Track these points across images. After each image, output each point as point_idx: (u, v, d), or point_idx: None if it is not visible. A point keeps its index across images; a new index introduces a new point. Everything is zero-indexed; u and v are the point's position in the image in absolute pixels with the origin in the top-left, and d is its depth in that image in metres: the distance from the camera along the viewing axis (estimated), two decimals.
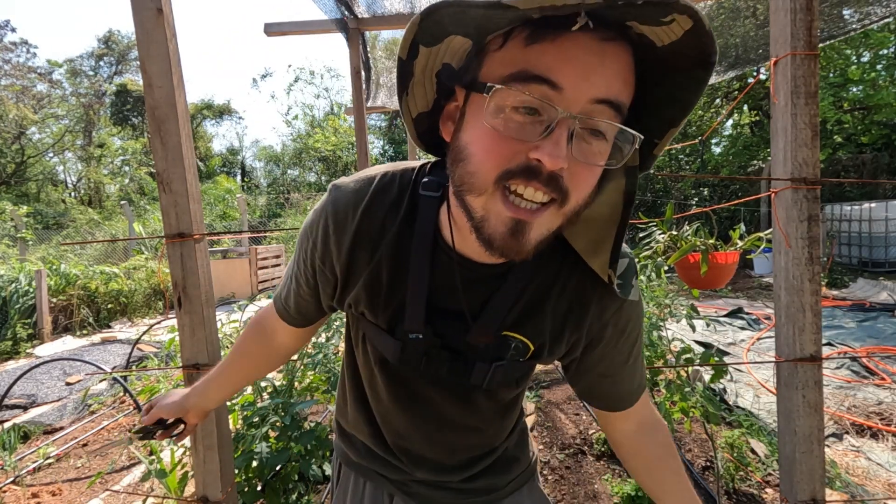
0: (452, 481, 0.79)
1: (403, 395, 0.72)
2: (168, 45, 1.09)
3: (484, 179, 0.48)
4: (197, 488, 1.24)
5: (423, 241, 0.62)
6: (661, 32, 0.43)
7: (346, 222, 0.63)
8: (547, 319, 0.65)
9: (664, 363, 2.42)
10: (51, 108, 22.57)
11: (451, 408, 0.72)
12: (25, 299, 6.31)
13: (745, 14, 2.91)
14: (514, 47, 0.46)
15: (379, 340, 0.69)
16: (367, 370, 0.75)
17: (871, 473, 2.41)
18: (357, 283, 0.66)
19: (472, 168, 0.49)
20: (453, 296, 0.63)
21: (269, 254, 9.93)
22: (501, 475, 0.81)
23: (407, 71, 0.53)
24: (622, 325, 0.67)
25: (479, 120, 0.48)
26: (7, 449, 3.08)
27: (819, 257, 1.07)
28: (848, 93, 9.69)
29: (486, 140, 0.48)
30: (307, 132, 23.08)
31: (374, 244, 0.63)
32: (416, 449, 0.76)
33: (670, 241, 2.39)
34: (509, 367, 0.67)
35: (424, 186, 0.62)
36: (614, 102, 0.46)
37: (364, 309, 0.67)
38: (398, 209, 0.63)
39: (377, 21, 2.91)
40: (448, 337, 0.65)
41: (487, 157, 0.48)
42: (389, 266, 0.63)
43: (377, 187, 0.64)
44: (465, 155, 0.50)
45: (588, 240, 0.60)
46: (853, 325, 5.15)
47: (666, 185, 12.54)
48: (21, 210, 11.34)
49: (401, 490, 0.80)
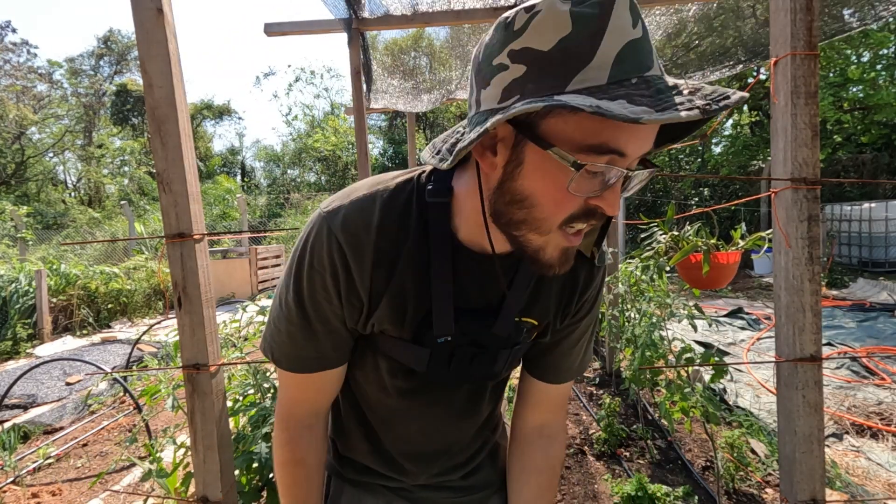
0: (453, 480, 0.79)
1: (423, 401, 0.73)
2: (168, 45, 1.09)
3: (551, 225, 0.53)
4: (197, 488, 1.24)
5: (442, 246, 0.62)
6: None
7: (362, 245, 0.61)
8: (550, 300, 0.69)
9: (664, 363, 2.42)
10: (51, 108, 22.57)
11: (463, 402, 0.75)
12: (25, 299, 6.31)
13: (746, 14, 2.91)
14: (588, 115, 0.45)
15: (402, 353, 0.68)
16: (378, 386, 0.74)
17: (871, 473, 2.41)
18: (381, 302, 0.64)
19: (541, 215, 0.52)
20: (476, 293, 0.66)
21: (269, 254, 9.93)
22: (493, 467, 0.84)
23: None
24: (596, 295, 0.74)
25: (548, 175, 0.50)
26: (7, 449, 3.08)
27: (819, 257, 1.07)
28: (848, 92, 9.69)
29: (558, 196, 0.51)
30: (307, 132, 23.09)
31: (393, 259, 0.63)
32: (425, 454, 0.77)
33: (671, 242, 2.39)
34: (522, 349, 0.72)
35: (431, 194, 0.62)
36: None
37: (387, 325, 0.66)
38: (408, 220, 0.63)
39: (378, 21, 2.91)
40: (474, 333, 0.67)
41: (559, 208, 0.51)
42: (412, 278, 0.63)
43: (383, 203, 0.63)
44: (531, 203, 0.52)
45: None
46: (853, 325, 5.15)
47: (666, 185, 12.54)
48: (21, 210, 11.35)
49: (400, 496, 0.81)
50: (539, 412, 0.80)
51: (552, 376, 0.77)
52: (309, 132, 22.81)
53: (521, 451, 0.81)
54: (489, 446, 0.83)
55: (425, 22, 2.94)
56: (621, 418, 2.98)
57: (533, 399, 0.80)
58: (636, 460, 2.58)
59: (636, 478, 2.05)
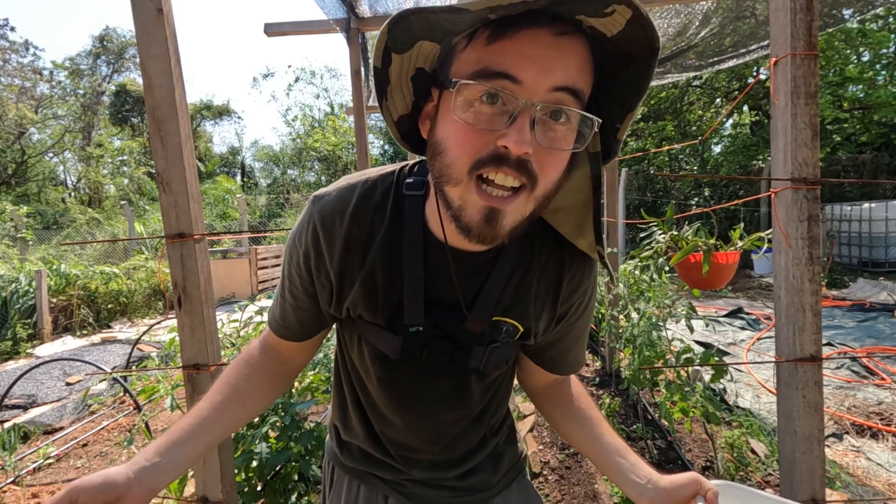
0: (448, 479, 0.79)
1: (400, 389, 0.74)
2: (168, 45, 1.09)
3: (459, 170, 0.52)
4: (197, 488, 1.24)
5: (414, 237, 0.65)
6: (608, 23, 0.47)
7: (335, 229, 0.65)
8: (532, 301, 0.70)
9: (664, 363, 2.42)
10: (51, 108, 22.56)
11: (445, 395, 0.74)
12: (25, 299, 6.31)
13: (745, 14, 2.91)
14: (477, 47, 0.51)
15: (378, 339, 0.70)
16: (363, 371, 0.76)
17: (871, 473, 2.41)
18: (353, 287, 0.67)
19: (448, 160, 0.53)
20: (448, 287, 0.66)
21: (269, 254, 9.93)
22: (493, 471, 0.83)
23: (384, 77, 0.57)
24: (588, 297, 0.74)
25: (449, 115, 0.52)
26: (7, 449, 3.08)
27: (819, 257, 1.07)
28: (847, 91, 9.70)
29: (458, 133, 0.52)
30: (307, 132, 23.08)
31: (365, 247, 0.66)
32: (412, 444, 0.77)
33: (671, 242, 2.39)
34: (502, 348, 0.71)
35: (408, 187, 0.66)
36: (572, 89, 0.50)
37: (362, 311, 0.68)
38: (384, 210, 0.66)
39: (378, 21, 2.90)
40: (446, 326, 0.68)
41: (461, 148, 0.52)
42: (383, 266, 0.66)
43: (361, 192, 0.67)
44: (441, 149, 0.54)
45: (571, 225, 0.67)
46: (853, 325, 5.15)
47: (666, 185, 12.54)
48: (21, 210, 11.34)
49: (396, 490, 0.80)
50: (545, 376, 0.82)
51: (559, 369, 0.80)
52: (309, 132, 22.81)
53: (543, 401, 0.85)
54: (489, 448, 0.82)
55: None
56: (621, 418, 2.98)
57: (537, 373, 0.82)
58: None
59: None
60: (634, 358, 2.52)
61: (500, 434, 0.85)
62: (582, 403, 0.81)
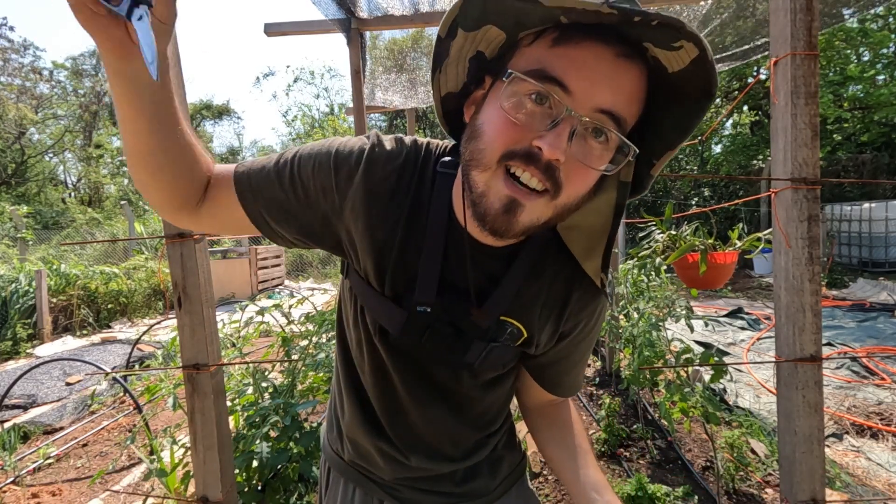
0: (444, 482, 0.79)
1: (391, 378, 0.73)
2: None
3: (490, 156, 0.53)
4: (197, 488, 1.24)
5: (440, 215, 0.65)
6: (672, 58, 0.48)
7: (377, 171, 0.64)
8: (538, 311, 0.69)
9: (664, 363, 2.42)
10: (51, 108, 22.54)
11: (433, 384, 0.74)
12: (25, 299, 6.31)
13: (745, 14, 2.91)
14: (541, 47, 0.52)
15: (381, 310, 0.69)
16: (366, 347, 0.74)
17: (871, 473, 2.41)
18: (366, 236, 0.65)
19: (482, 145, 0.54)
20: (461, 273, 0.66)
21: (269, 254, 9.92)
22: (492, 476, 0.82)
23: (443, 50, 0.57)
24: (594, 321, 0.74)
25: (496, 103, 0.53)
26: (7, 449, 3.08)
27: (819, 257, 1.07)
28: (847, 91, 9.70)
29: (498, 122, 0.52)
30: (306, 132, 23.06)
31: (393, 202, 0.65)
32: (409, 428, 0.75)
33: (669, 241, 2.39)
34: (502, 350, 0.70)
35: (443, 164, 0.66)
36: (615, 115, 0.50)
37: (370, 269, 0.67)
38: (420, 178, 0.66)
39: (378, 21, 2.90)
40: (453, 313, 0.67)
41: (497, 136, 0.52)
42: (404, 230, 0.65)
43: (409, 151, 0.67)
44: (479, 133, 0.55)
45: (582, 247, 0.66)
46: (853, 325, 5.15)
47: (666, 185, 12.54)
48: (21, 210, 11.33)
49: (391, 495, 0.80)
50: (542, 395, 0.82)
51: (557, 390, 0.81)
52: (308, 132, 22.80)
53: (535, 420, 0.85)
54: (487, 451, 0.81)
55: (425, 22, 2.93)
56: (621, 418, 2.98)
57: (534, 390, 0.82)
58: (636, 460, 2.58)
59: (636, 478, 2.05)
60: (634, 358, 2.52)
61: (500, 436, 0.84)
62: (574, 430, 0.81)
